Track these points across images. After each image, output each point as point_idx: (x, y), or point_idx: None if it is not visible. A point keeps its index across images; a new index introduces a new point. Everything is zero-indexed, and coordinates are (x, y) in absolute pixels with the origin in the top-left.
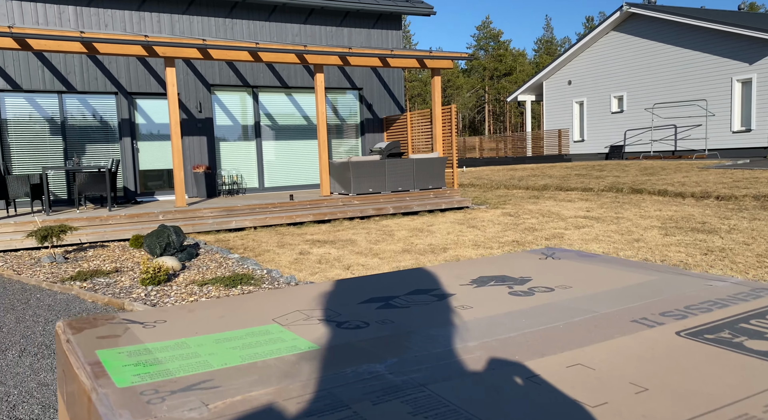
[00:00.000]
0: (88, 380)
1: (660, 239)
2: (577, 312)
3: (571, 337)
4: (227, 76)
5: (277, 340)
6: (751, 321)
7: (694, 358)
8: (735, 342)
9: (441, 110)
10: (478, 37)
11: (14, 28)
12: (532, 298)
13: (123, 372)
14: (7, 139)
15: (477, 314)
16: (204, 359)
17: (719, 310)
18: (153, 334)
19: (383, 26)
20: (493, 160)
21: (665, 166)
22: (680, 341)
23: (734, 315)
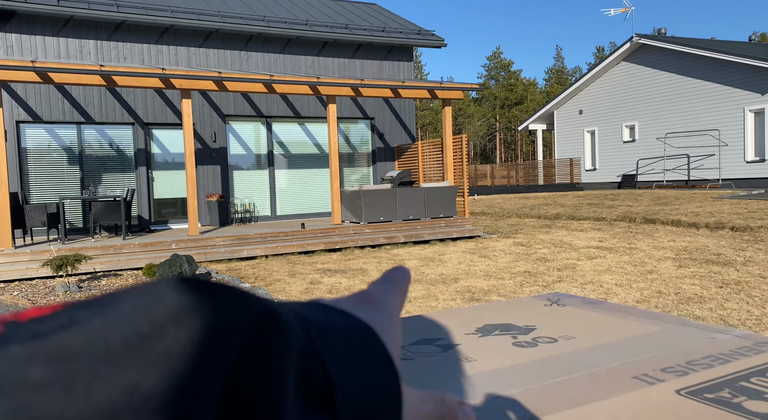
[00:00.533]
0: None
1: (674, 271)
2: (579, 366)
3: (571, 395)
4: (242, 107)
5: None
6: (751, 379)
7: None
8: (734, 402)
9: (452, 139)
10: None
11: (36, 63)
12: (535, 350)
13: None
14: (26, 168)
15: (481, 368)
16: None
17: (720, 367)
18: None
19: (395, 58)
20: (504, 188)
21: (678, 196)
22: (680, 400)
23: (735, 372)
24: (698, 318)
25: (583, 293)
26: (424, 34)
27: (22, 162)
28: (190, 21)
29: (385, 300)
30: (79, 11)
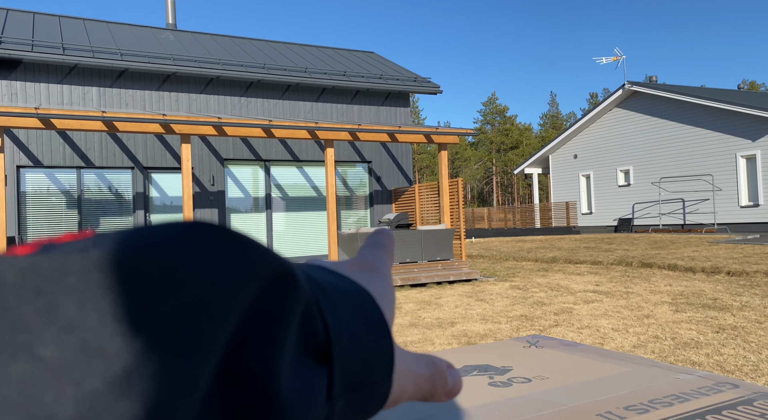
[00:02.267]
0: None
1: (670, 315)
2: (548, 404)
3: None
4: (240, 151)
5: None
6: (706, 417)
7: None
8: None
9: (448, 183)
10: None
11: (40, 109)
12: (509, 390)
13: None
14: (24, 211)
15: (455, 406)
16: None
17: (680, 405)
18: None
19: (392, 104)
20: (501, 231)
21: (675, 240)
22: None
23: (693, 410)
24: (694, 364)
25: (579, 338)
26: (420, 81)
27: (21, 206)
28: (192, 68)
29: (380, 266)
30: (83, 60)
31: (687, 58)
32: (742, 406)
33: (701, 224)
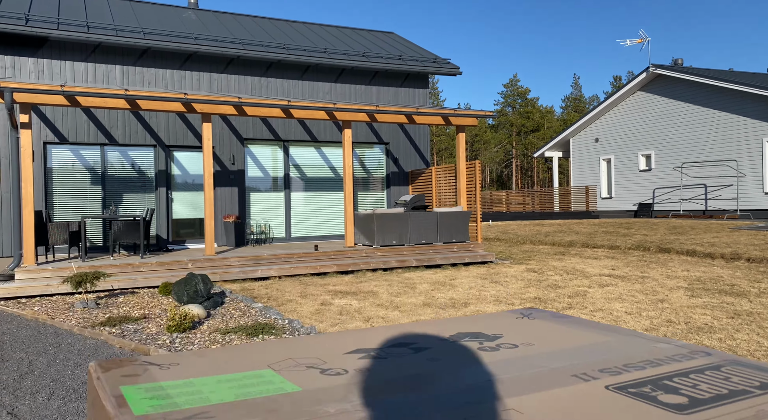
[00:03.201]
0: (112, 409)
1: (685, 300)
2: (529, 367)
3: (513, 388)
4: (260, 131)
5: (267, 383)
6: (674, 379)
7: (607, 406)
8: (651, 395)
9: (465, 165)
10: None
11: (65, 87)
12: (496, 353)
13: (140, 404)
14: (51, 187)
15: (442, 366)
16: (206, 396)
17: (651, 369)
18: (167, 375)
19: (411, 85)
20: (519, 215)
21: (695, 226)
22: (605, 393)
23: (662, 373)
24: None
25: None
26: (440, 62)
27: (47, 181)
28: (213, 48)
29: None
30: (107, 38)
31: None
32: (709, 370)
33: (723, 210)
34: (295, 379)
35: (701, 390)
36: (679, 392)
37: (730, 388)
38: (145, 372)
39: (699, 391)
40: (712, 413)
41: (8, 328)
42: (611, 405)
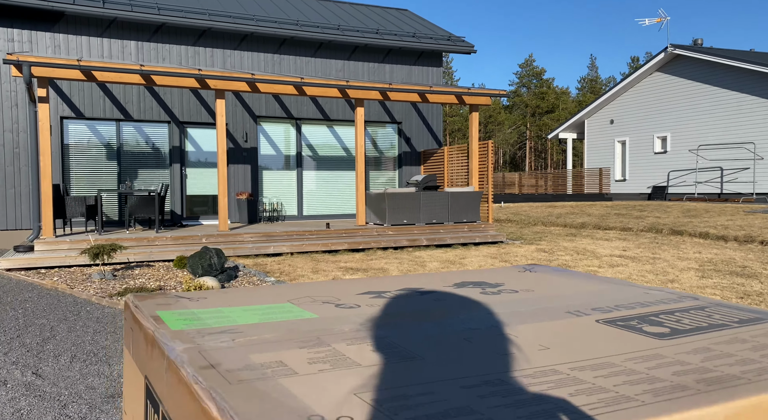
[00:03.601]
0: (151, 326)
1: (695, 281)
2: (526, 306)
3: (510, 320)
4: (273, 108)
5: (288, 312)
6: (660, 315)
7: (595, 334)
8: (636, 327)
9: (478, 145)
10: (520, 74)
11: (82, 61)
12: (497, 297)
13: (176, 323)
14: (68, 161)
15: (446, 305)
16: (233, 319)
17: (640, 308)
18: (197, 305)
19: (424, 63)
20: (532, 197)
21: (709, 209)
22: (594, 325)
23: (650, 311)
24: None
25: None
26: (454, 40)
27: (65, 156)
28: (226, 24)
29: None
30: (122, 13)
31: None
32: (694, 310)
33: (739, 194)
34: (313, 310)
35: (683, 323)
36: (663, 325)
37: (711, 322)
38: (177, 302)
39: (681, 324)
40: (690, 339)
41: (29, 297)
42: (599, 333)
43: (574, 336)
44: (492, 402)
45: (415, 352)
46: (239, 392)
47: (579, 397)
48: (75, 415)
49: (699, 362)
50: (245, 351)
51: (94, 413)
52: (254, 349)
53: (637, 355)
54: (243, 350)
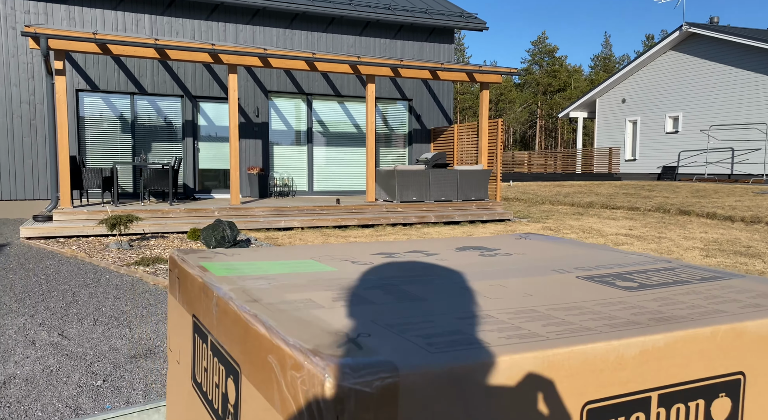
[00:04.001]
0: (199, 273)
1: (699, 260)
2: (518, 264)
3: (502, 274)
4: (284, 84)
5: (311, 266)
6: (633, 274)
7: (574, 286)
8: (610, 282)
9: (488, 124)
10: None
11: (98, 35)
12: (493, 258)
13: (219, 270)
14: (84, 134)
15: (448, 263)
16: (266, 269)
17: (618, 268)
18: (233, 259)
19: (436, 40)
20: (541, 176)
21: (718, 189)
22: (574, 280)
23: (625, 271)
24: None
25: None
26: (467, 16)
27: (81, 128)
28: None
29: None
30: None
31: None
32: (664, 270)
33: (749, 175)
34: (332, 265)
35: (652, 280)
36: (634, 281)
37: (676, 279)
38: (215, 256)
39: (650, 281)
40: (654, 291)
41: (50, 264)
42: (577, 286)
43: (554, 287)
44: (479, 328)
45: (421, 295)
46: (280, 316)
47: (549, 327)
48: (100, 372)
49: (655, 307)
50: (280, 291)
51: (118, 371)
52: (287, 290)
53: (604, 302)
54: (278, 291)
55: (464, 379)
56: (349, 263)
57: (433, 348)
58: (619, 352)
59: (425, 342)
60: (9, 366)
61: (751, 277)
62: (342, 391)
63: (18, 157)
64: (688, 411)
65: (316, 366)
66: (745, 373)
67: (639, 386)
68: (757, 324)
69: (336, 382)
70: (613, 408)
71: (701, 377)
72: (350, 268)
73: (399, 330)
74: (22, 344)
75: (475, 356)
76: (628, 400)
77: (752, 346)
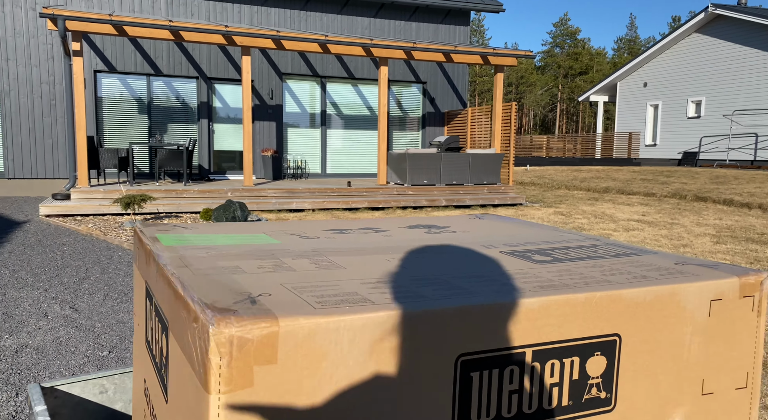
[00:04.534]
0: (149, 242)
1: (709, 246)
2: (454, 240)
3: (431, 247)
4: (298, 66)
5: (259, 239)
6: (555, 250)
7: (490, 259)
8: (527, 256)
9: (501, 107)
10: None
11: (114, 16)
12: (435, 235)
13: (168, 241)
14: (101, 114)
15: (391, 239)
16: (214, 241)
17: (544, 245)
18: (189, 232)
19: (451, 22)
20: (559, 160)
21: (738, 176)
22: (496, 254)
23: (549, 247)
24: None
25: None
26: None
27: (98, 108)
28: None
29: None
30: None
31: None
32: (586, 247)
33: None
34: (280, 239)
35: (568, 255)
36: (551, 256)
37: (590, 255)
38: (173, 229)
39: (565, 256)
40: (562, 264)
41: (66, 241)
42: (494, 258)
43: (473, 259)
44: (375, 290)
45: (342, 264)
46: (200, 280)
47: (440, 290)
48: (107, 344)
49: (551, 277)
50: (214, 259)
51: (123, 343)
52: (221, 259)
53: (507, 272)
54: (212, 259)
55: (342, 330)
56: (297, 238)
57: (320, 305)
58: (492, 312)
59: (316, 300)
60: (22, 336)
61: (661, 254)
62: (224, 337)
63: (39, 136)
64: (563, 366)
65: (207, 317)
66: (621, 335)
67: (513, 343)
68: (634, 292)
69: (219, 329)
70: (487, 360)
71: (576, 337)
72: (296, 241)
73: (300, 291)
74: (35, 316)
75: (357, 311)
76: (502, 355)
77: (627, 311)
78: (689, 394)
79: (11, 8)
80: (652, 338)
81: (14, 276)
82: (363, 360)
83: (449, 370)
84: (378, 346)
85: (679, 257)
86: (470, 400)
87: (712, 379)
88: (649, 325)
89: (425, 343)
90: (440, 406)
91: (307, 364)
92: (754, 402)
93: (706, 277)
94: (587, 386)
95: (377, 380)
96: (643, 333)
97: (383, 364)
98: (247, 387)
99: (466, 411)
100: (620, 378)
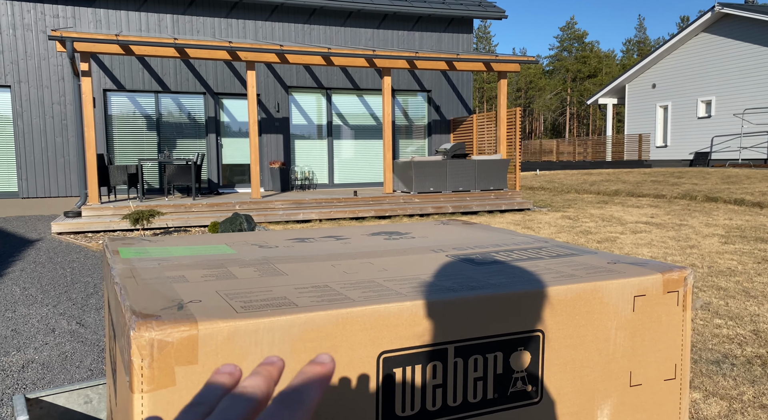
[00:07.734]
0: (110, 255)
1: (717, 247)
2: (408, 246)
3: (382, 254)
4: (303, 79)
5: (217, 250)
6: (499, 252)
7: (433, 262)
8: (470, 259)
9: (506, 113)
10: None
11: (120, 36)
12: (393, 242)
13: (127, 253)
14: (111, 132)
15: (349, 246)
16: (171, 253)
17: (492, 248)
18: (151, 245)
19: (454, 30)
20: (569, 164)
21: (751, 175)
22: (442, 257)
23: (495, 250)
24: (720, 289)
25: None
26: (485, 5)
27: (108, 126)
28: None
29: None
30: None
31: None
32: (532, 249)
33: None
34: (238, 249)
35: (510, 257)
36: (492, 258)
37: (531, 256)
38: (138, 242)
39: (507, 258)
40: (499, 265)
41: (76, 257)
42: (437, 262)
43: (415, 263)
44: (305, 295)
45: (285, 271)
46: (141, 289)
47: (367, 292)
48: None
49: (479, 277)
50: (161, 269)
51: None
52: (170, 269)
53: (444, 274)
54: (160, 269)
55: (261, 331)
56: (256, 247)
57: (243, 309)
58: (413, 311)
59: (242, 306)
60: (29, 352)
61: (601, 254)
62: (144, 340)
63: (51, 156)
64: (486, 361)
65: (133, 323)
66: (544, 331)
67: (434, 339)
68: (556, 289)
69: (140, 333)
70: (409, 357)
71: (499, 333)
72: (252, 250)
73: (231, 297)
74: (42, 332)
75: (278, 313)
76: (424, 351)
77: (550, 309)
78: (617, 386)
79: (22, 32)
80: (576, 333)
81: (24, 293)
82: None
83: (372, 367)
84: (299, 346)
85: (614, 256)
86: (394, 396)
87: (640, 371)
88: (573, 321)
89: (346, 341)
90: (364, 402)
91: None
92: (684, 392)
93: (630, 274)
94: (512, 380)
95: None
96: (567, 328)
97: (304, 363)
98: (170, 386)
99: (389, 406)
100: (546, 372)
